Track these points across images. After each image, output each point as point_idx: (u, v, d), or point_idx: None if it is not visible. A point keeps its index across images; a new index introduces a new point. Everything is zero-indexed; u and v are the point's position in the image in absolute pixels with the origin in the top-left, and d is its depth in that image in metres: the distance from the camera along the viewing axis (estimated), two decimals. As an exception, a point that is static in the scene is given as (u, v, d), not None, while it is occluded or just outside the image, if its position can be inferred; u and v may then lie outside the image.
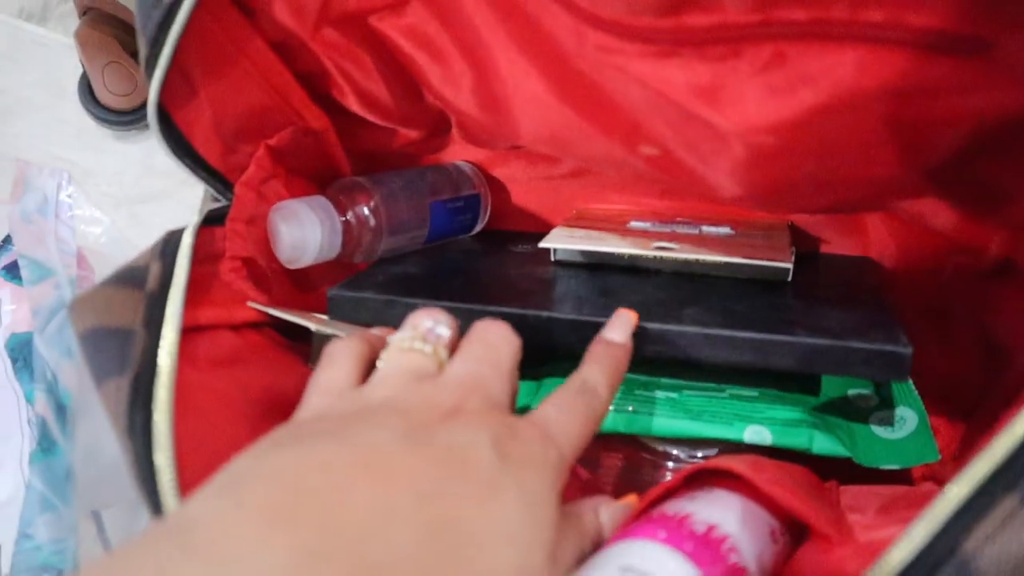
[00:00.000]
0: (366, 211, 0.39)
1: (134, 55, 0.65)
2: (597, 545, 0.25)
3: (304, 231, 0.36)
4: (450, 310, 0.28)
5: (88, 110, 0.66)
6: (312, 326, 0.34)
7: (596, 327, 0.32)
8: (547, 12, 0.28)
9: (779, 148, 0.27)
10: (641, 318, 0.32)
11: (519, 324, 0.33)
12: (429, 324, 0.26)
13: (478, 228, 0.45)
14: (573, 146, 0.34)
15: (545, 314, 0.33)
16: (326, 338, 0.32)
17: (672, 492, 0.28)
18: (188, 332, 0.30)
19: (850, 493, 0.32)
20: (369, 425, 0.21)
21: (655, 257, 0.37)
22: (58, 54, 0.71)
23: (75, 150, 0.67)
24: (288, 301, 0.39)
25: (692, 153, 0.30)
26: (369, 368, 0.26)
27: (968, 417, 0.37)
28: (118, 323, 0.28)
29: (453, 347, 0.27)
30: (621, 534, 0.25)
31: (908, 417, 0.35)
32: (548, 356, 0.37)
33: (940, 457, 0.32)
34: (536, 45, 0.29)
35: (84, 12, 0.64)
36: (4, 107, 0.69)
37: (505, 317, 0.33)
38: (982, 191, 0.32)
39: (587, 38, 0.27)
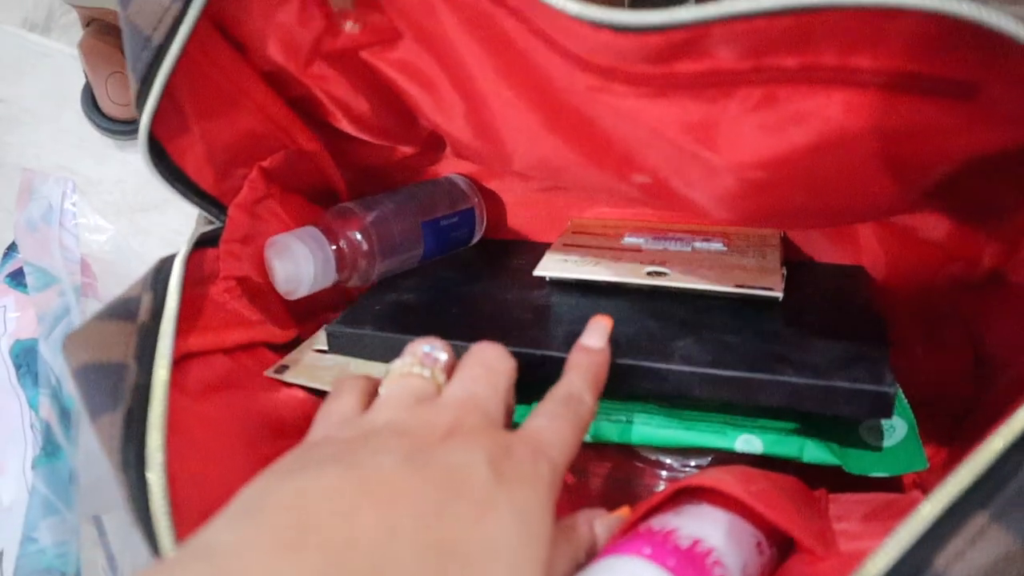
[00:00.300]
0: (358, 236, 0.39)
1: (137, 66, 0.66)
2: (591, 556, 0.26)
3: (298, 264, 0.37)
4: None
5: (91, 119, 0.66)
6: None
7: None
8: (537, 52, 0.28)
9: (770, 182, 0.27)
10: (633, 355, 0.33)
11: (515, 359, 0.34)
12: (427, 349, 0.28)
13: (476, 239, 0.46)
14: (564, 173, 0.34)
15: (540, 352, 0.34)
16: None
17: (660, 506, 0.29)
18: (180, 360, 0.30)
19: (838, 502, 0.33)
20: (372, 449, 0.22)
21: (648, 285, 0.38)
22: (61, 64, 0.71)
23: (77, 159, 0.67)
24: (284, 316, 0.40)
25: (684, 182, 0.30)
26: (372, 399, 0.27)
27: (958, 425, 0.37)
28: (110, 358, 0.28)
29: (450, 370, 0.28)
30: (608, 549, 0.26)
31: (898, 426, 0.35)
32: (542, 385, 0.38)
33: (928, 466, 0.33)
34: (526, 80, 0.30)
35: (88, 23, 0.65)
36: (8, 116, 0.70)
37: None
38: (974, 205, 0.33)
39: (577, 78, 0.27)
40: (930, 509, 0.19)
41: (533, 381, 0.36)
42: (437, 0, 0.29)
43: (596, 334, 0.31)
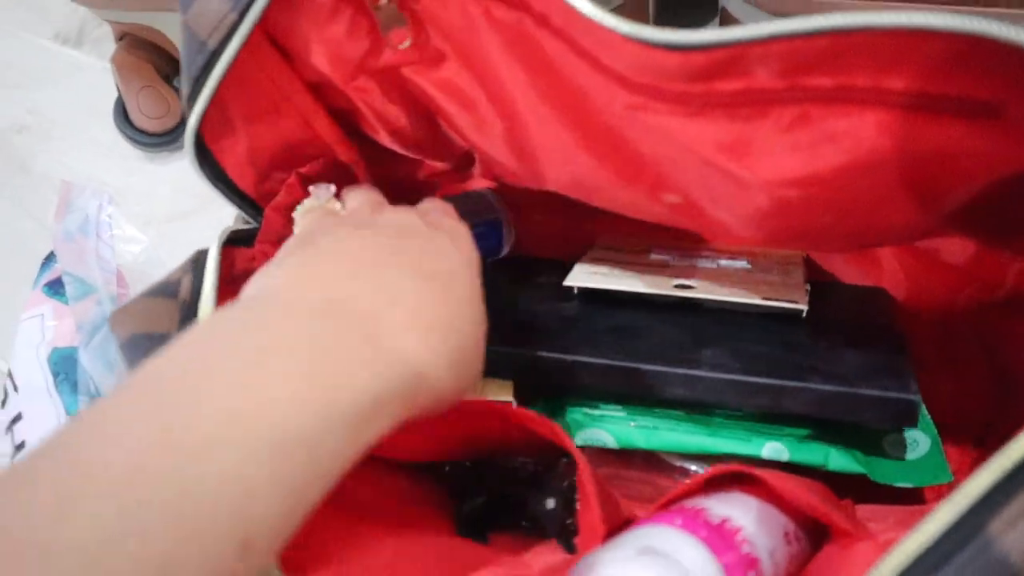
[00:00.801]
0: None
1: (167, 79, 0.67)
2: None
3: None
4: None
5: (122, 131, 0.68)
6: None
7: (619, 370, 0.34)
8: (578, 71, 0.29)
9: (800, 201, 0.28)
10: (662, 362, 0.34)
11: (546, 365, 0.35)
12: (322, 190, 0.37)
13: (505, 251, 0.47)
14: (597, 192, 0.35)
15: (570, 358, 0.35)
16: None
17: (691, 493, 0.30)
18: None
19: (866, 509, 0.34)
20: (338, 233, 0.30)
21: (676, 297, 0.39)
22: (92, 77, 0.73)
23: (107, 169, 0.69)
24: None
25: (714, 202, 0.31)
26: None
27: (979, 445, 0.38)
28: (156, 329, 0.30)
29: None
30: (640, 521, 0.27)
31: (921, 440, 0.36)
32: (573, 389, 0.39)
33: (953, 478, 0.34)
34: (564, 100, 0.31)
35: (121, 37, 0.66)
36: (40, 127, 0.71)
37: (531, 360, 0.36)
38: (996, 227, 0.33)
39: (617, 97, 0.28)
40: (985, 477, 0.20)
41: (564, 385, 0.37)
42: (481, 22, 0.30)
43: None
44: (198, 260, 0.33)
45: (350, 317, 0.25)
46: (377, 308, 0.26)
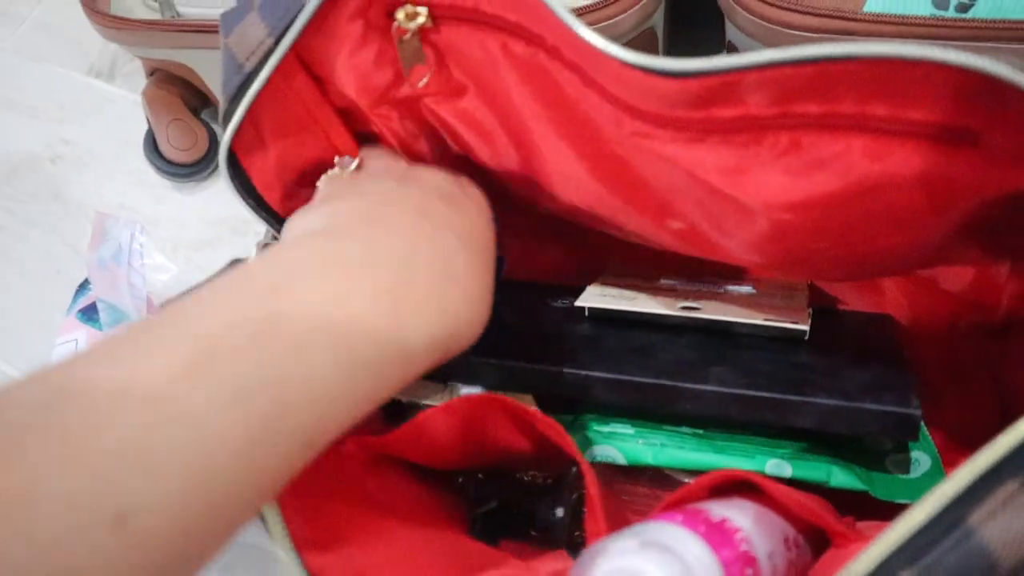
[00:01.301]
0: None
1: (195, 113, 0.70)
2: None
3: None
4: (500, 368, 0.32)
5: (152, 162, 0.71)
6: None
7: (632, 385, 0.35)
8: (589, 102, 0.31)
9: (798, 225, 0.30)
10: (672, 377, 0.36)
11: (561, 379, 0.37)
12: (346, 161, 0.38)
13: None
14: (606, 219, 0.37)
15: (584, 372, 0.37)
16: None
17: (693, 498, 0.31)
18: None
19: (867, 526, 0.35)
20: (363, 190, 0.34)
21: (682, 317, 0.40)
22: (124, 109, 0.76)
23: (137, 198, 0.72)
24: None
25: (716, 228, 0.33)
26: None
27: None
28: None
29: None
30: (641, 520, 0.29)
31: (922, 460, 0.37)
32: (584, 403, 0.40)
33: (955, 496, 0.35)
34: (576, 131, 0.33)
35: (151, 73, 0.69)
36: (75, 158, 0.74)
37: (548, 375, 0.37)
38: (991, 249, 0.34)
39: (624, 125, 0.30)
40: (966, 473, 0.21)
41: (578, 398, 0.38)
42: (499, 57, 0.32)
43: None
44: (235, 264, 0.35)
45: (415, 264, 0.28)
46: (435, 264, 0.29)
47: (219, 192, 0.71)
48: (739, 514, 0.29)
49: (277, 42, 0.32)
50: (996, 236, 0.31)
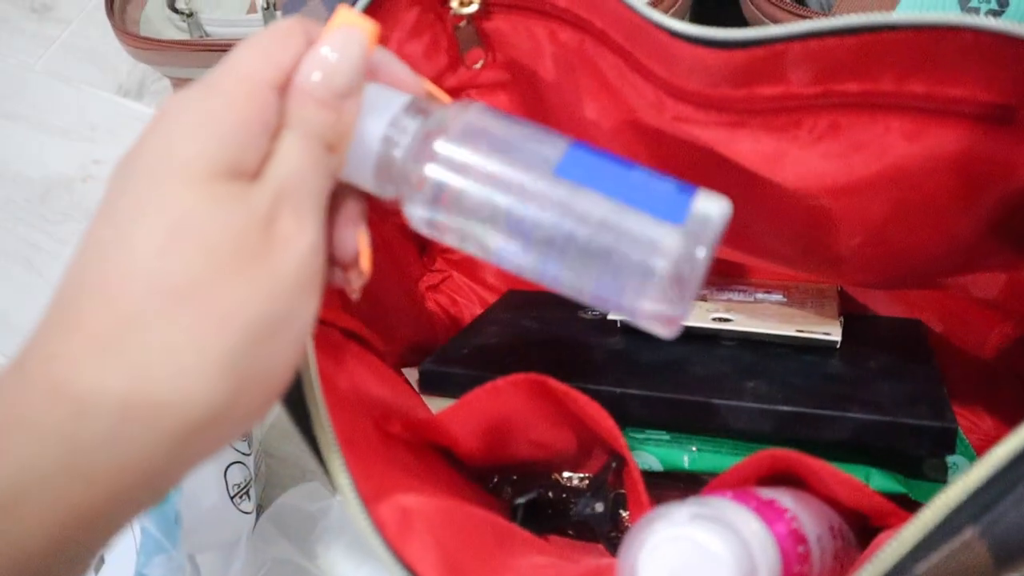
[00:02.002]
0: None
1: (223, 129, 0.71)
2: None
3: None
4: None
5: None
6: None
7: (668, 402, 0.35)
8: (631, 86, 0.31)
9: (834, 213, 0.30)
10: (708, 394, 0.36)
11: (598, 398, 0.37)
12: None
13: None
14: None
15: (619, 390, 0.37)
16: None
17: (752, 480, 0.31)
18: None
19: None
20: None
21: (715, 330, 0.40)
22: (153, 127, 0.77)
23: (167, 215, 0.73)
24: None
25: (751, 217, 0.33)
26: None
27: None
28: None
29: None
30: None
31: (961, 464, 0.37)
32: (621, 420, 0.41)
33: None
34: (617, 118, 0.33)
35: (180, 91, 0.70)
36: (106, 176, 0.75)
37: (585, 391, 0.37)
38: (1022, 253, 0.34)
39: (666, 107, 0.30)
40: (976, 474, 0.21)
41: (615, 416, 0.38)
42: (546, 44, 0.33)
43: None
44: None
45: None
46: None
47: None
48: (788, 498, 0.29)
49: None
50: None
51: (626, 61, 0.31)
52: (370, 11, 0.32)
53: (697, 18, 0.57)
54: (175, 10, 0.63)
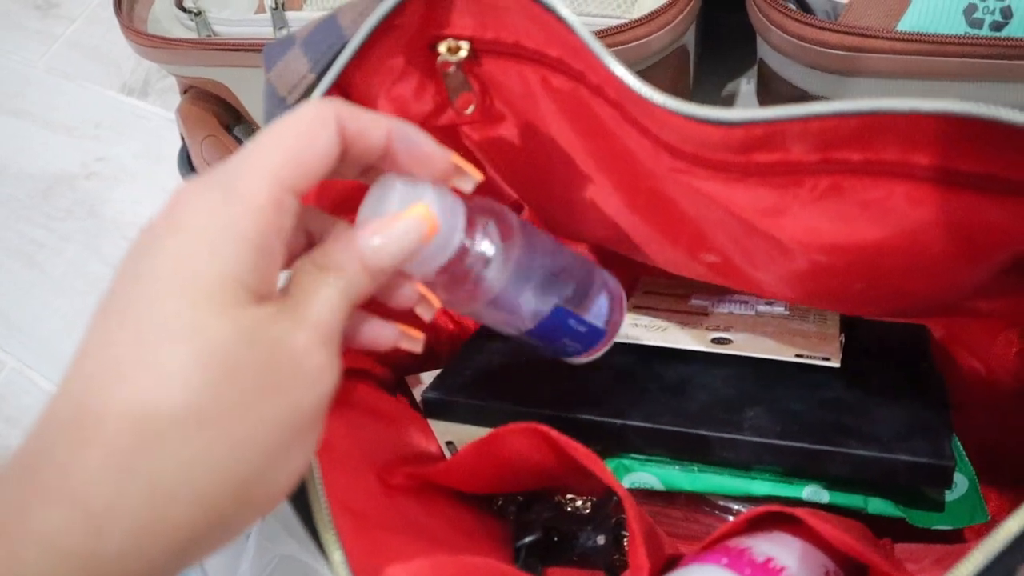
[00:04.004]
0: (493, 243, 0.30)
1: (229, 129, 0.71)
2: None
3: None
4: (531, 416, 0.34)
5: (186, 179, 0.72)
6: None
7: (666, 434, 0.36)
8: (628, 136, 0.31)
9: (834, 266, 0.29)
10: (706, 425, 0.36)
11: (595, 428, 0.37)
12: None
13: (579, 359, 0.37)
14: (639, 248, 0.37)
15: (618, 422, 0.37)
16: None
17: (736, 532, 0.31)
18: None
19: (905, 549, 0.35)
20: None
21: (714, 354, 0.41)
22: (157, 126, 0.77)
23: (170, 214, 0.73)
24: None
25: (751, 263, 0.33)
26: None
27: (1018, 485, 0.39)
28: None
29: None
30: (687, 560, 0.29)
31: (959, 481, 0.37)
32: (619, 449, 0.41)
33: (990, 517, 0.35)
34: (614, 163, 0.33)
35: (186, 90, 0.70)
36: (109, 175, 0.76)
37: (579, 423, 0.38)
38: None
39: (663, 161, 0.30)
40: (1014, 524, 0.21)
41: (612, 446, 0.39)
42: (538, 89, 0.33)
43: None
44: None
45: None
46: None
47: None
48: (783, 551, 0.29)
49: (319, 78, 0.32)
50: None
51: (622, 114, 0.31)
52: (355, 63, 0.32)
53: (705, 24, 0.58)
54: (183, 9, 0.63)
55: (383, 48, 0.32)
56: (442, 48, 0.33)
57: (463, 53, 0.33)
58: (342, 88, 0.35)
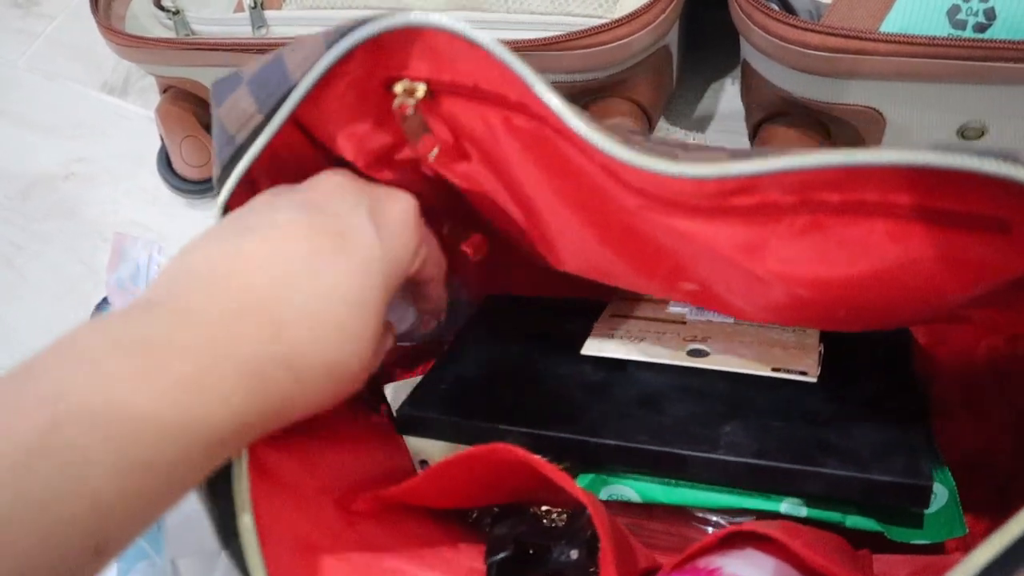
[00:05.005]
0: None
1: (209, 129, 0.70)
2: None
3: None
4: (507, 434, 0.34)
5: (166, 180, 0.71)
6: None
7: (640, 452, 0.35)
8: (595, 176, 0.30)
9: (815, 300, 0.29)
10: (681, 443, 0.36)
11: (569, 446, 0.37)
12: None
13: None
14: (614, 279, 0.36)
15: (593, 440, 0.37)
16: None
17: (707, 550, 0.31)
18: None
19: (882, 561, 0.34)
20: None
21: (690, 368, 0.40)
22: (137, 125, 0.76)
23: (151, 215, 0.72)
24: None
25: (730, 292, 0.32)
26: None
27: (1001, 495, 0.38)
28: None
29: None
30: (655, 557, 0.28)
31: (939, 492, 0.37)
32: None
33: (967, 531, 0.34)
34: (583, 199, 0.32)
35: (165, 90, 0.70)
36: (89, 175, 0.75)
37: (551, 441, 0.37)
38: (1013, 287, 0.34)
39: (632, 199, 0.30)
40: (982, 554, 0.21)
41: (587, 462, 0.38)
42: (500, 130, 0.32)
43: None
44: None
45: (233, 342, 0.25)
46: (265, 334, 0.26)
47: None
48: (753, 570, 0.29)
49: (267, 119, 0.31)
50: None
51: (587, 157, 0.30)
52: (308, 103, 0.31)
53: (689, 23, 0.57)
54: (161, 8, 0.63)
55: (334, 89, 0.31)
56: (398, 88, 0.31)
57: (420, 94, 0.31)
58: (297, 124, 0.34)
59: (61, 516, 0.21)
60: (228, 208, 0.35)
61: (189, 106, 0.69)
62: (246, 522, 0.27)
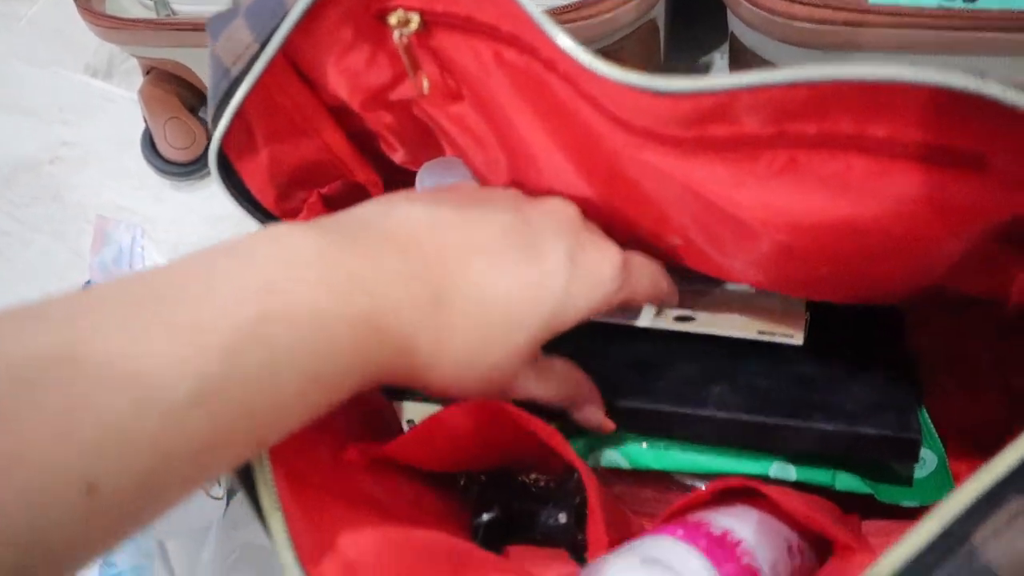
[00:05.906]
0: None
1: (193, 111, 0.69)
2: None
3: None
4: None
5: (150, 162, 0.70)
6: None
7: (631, 411, 0.36)
8: (583, 112, 0.30)
9: (798, 247, 0.29)
10: (671, 402, 0.36)
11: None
12: None
13: None
14: (605, 228, 0.36)
15: None
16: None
17: (698, 506, 0.31)
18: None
19: (872, 525, 0.34)
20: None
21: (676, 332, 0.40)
22: (122, 108, 0.75)
23: (137, 198, 0.71)
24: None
25: (715, 246, 0.32)
26: None
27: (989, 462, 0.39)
28: None
29: None
30: (644, 532, 0.28)
31: (928, 458, 0.37)
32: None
33: (958, 496, 0.34)
34: (572, 139, 0.32)
35: (148, 71, 0.69)
36: (74, 158, 0.74)
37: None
38: (996, 249, 0.34)
39: (618, 136, 0.30)
40: (971, 490, 0.21)
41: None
42: (491, 65, 0.32)
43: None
44: None
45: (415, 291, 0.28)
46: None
47: (219, 190, 0.70)
48: (741, 525, 0.29)
49: (263, 47, 0.32)
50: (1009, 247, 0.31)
51: (576, 90, 0.30)
52: (299, 33, 0.31)
53: (675, 6, 0.57)
54: (141, -12, 0.62)
55: (327, 19, 0.31)
56: (392, 20, 0.31)
57: (413, 25, 0.31)
58: (288, 57, 0.34)
59: (246, 411, 0.23)
60: (223, 148, 0.35)
61: (172, 87, 0.68)
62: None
